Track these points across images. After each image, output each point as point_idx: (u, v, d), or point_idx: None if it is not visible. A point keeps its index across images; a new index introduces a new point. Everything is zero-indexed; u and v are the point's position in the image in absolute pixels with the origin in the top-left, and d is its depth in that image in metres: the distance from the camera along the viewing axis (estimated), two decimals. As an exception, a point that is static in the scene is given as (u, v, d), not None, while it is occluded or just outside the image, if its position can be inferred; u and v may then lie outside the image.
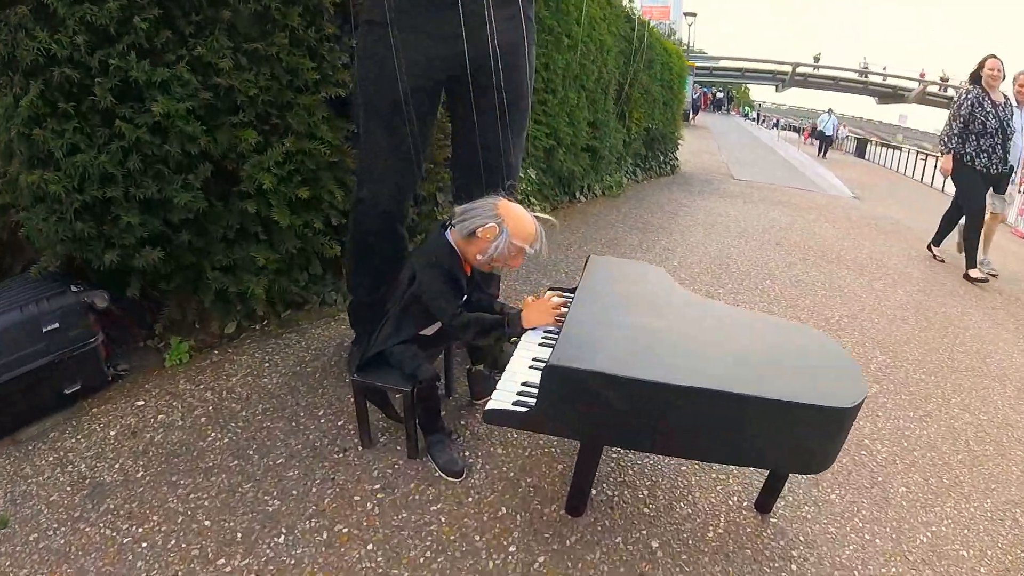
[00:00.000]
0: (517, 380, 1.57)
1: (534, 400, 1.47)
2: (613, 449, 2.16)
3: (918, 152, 19.21)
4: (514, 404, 1.50)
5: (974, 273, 5.10)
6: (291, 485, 1.94)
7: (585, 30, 5.12)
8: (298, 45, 2.58)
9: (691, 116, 24.49)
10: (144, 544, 1.72)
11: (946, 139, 5.10)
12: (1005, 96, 4.97)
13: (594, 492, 1.92)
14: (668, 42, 9.65)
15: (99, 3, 2.16)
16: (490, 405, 1.51)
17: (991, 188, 5.14)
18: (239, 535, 1.75)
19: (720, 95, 46.42)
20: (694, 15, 33.04)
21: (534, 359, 1.65)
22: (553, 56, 4.70)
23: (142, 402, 2.38)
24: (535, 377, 1.52)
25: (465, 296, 1.99)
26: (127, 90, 2.27)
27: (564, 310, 1.83)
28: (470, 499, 1.90)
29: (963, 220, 5.48)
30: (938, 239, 5.88)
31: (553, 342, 1.60)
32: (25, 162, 2.28)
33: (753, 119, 48.44)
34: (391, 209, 2.20)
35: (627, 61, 6.81)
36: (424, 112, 2.10)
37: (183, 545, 1.72)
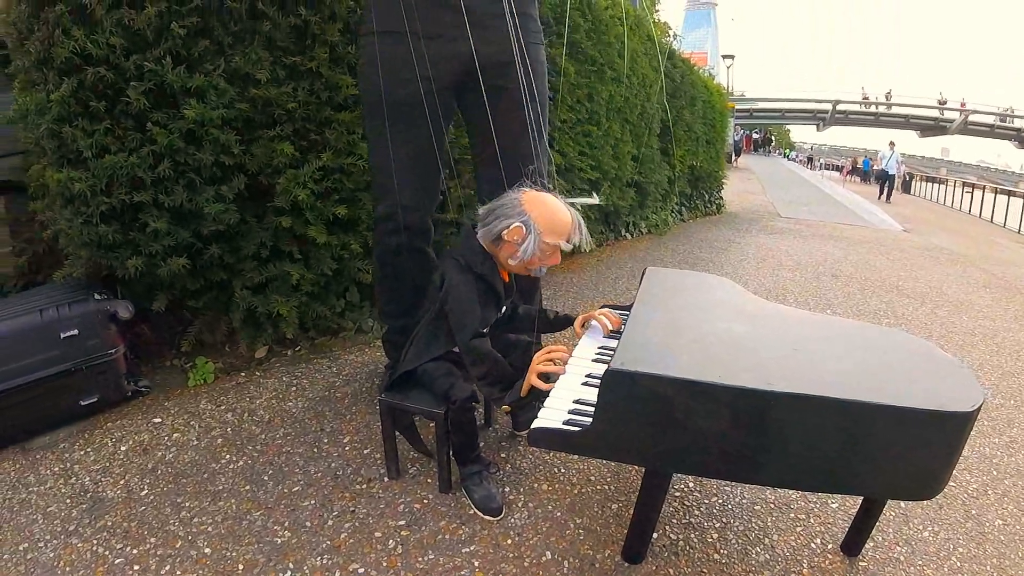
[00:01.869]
0: (568, 397, 1.36)
1: (589, 419, 1.26)
2: (675, 485, 1.93)
3: (963, 184, 18.88)
4: (565, 423, 1.28)
5: None
6: (305, 516, 1.75)
7: (628, 63, 5.04)
8: (338, 62, 2.54)
9: (734, 158, 24.20)
10: (136, 567, 1.57)
11: None
12: None
13: (655, 536, 1.67)
14: (710, 80, 9.60)
15: (137, 7, 2.14)
16: (536, 424, 1.29)
17: None
18: (240, 567, 1.56)
19: (756, 136, 46.24)
20: (732, 57, 33.11)
21: (588, 375, 1.44)
22: (596, 87, 4.61)
23: (159, 419, 2.27)
24: (590, 395, 1.31)
25: (504, 309, 1.80)
26: (162, 96, 2.23)
27: (548, 367, 1.52)
28: (509, 541, 1.67)
29: None
30: None
31: (610, 356, 1.37)
32: (54, 160, 2.23)
33: (795, 159, 47.86)
34: (412, 223, 2.04)
35: (670, 96, 6.72)
36: (434, 119, 1.96)
37: (177, 572, 1.55)
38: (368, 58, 1.96)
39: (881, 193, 17.98)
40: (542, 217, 1.62)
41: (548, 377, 1.52)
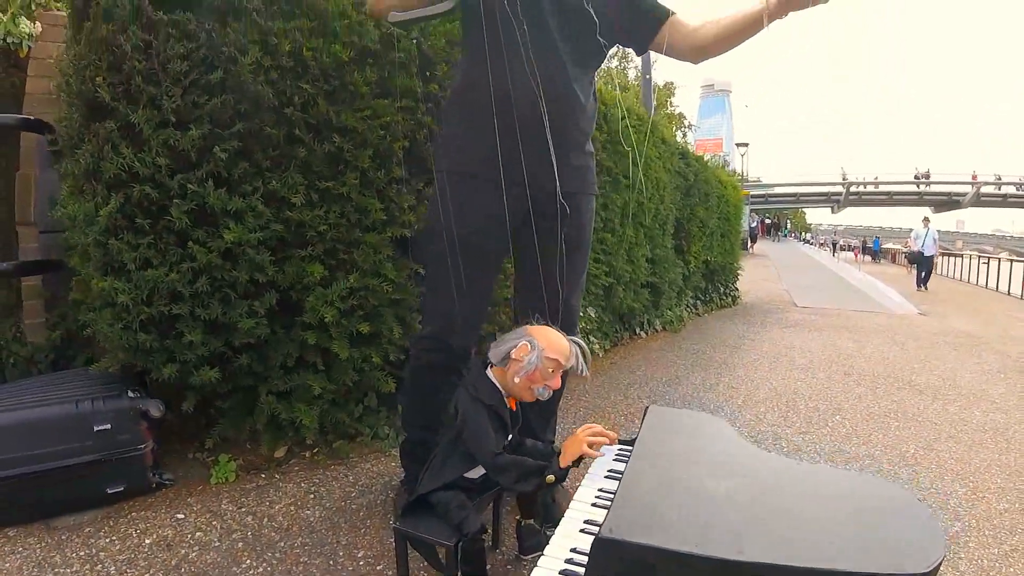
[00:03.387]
0: (566, 546, 1.45)
1: (582, 570, 1.34)
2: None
3: (979, 256, 19.00)
4: (561, 573, 1.37)
5: None
6: (322, 629, 1.81)
7: (641, 169, 5.27)
8: (368, 186, 2.70)
9: (750, 245, 24.50)
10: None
11: None
12: None
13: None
14: (723, 173, 9.89)
15: (183, 129, 2.32)
16: (535, 574, 1.39)
17: None
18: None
19: (768, 221, 46.93)
20: (746, 145, 34.12)
21: (586, 521, 1.53)
22: (611, 196, 4.85)
23: (182, 515, 2.37)
24: (585, 544, 1.40)
25: (511, 436, 1.92)
26: (202, 215, 2.39)
27: (596, 439, 1.77)
28: (513, 667, 1.72)
29: None
30: None
31: (608, 502, 1.47)
32: (99, 268, 2.39)
33: (811, 242, 48.16)
34: (454, 346, 2.18)
35: (684, 195, 6.96)
36: (491, 252, 2.17)
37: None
38: (439, 192, 2.12)
39: (919, 282, 15.54)
40: (544, 338, 1.83)
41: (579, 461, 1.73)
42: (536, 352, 1.78)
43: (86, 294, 2.61)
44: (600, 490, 1.67)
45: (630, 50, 2.42)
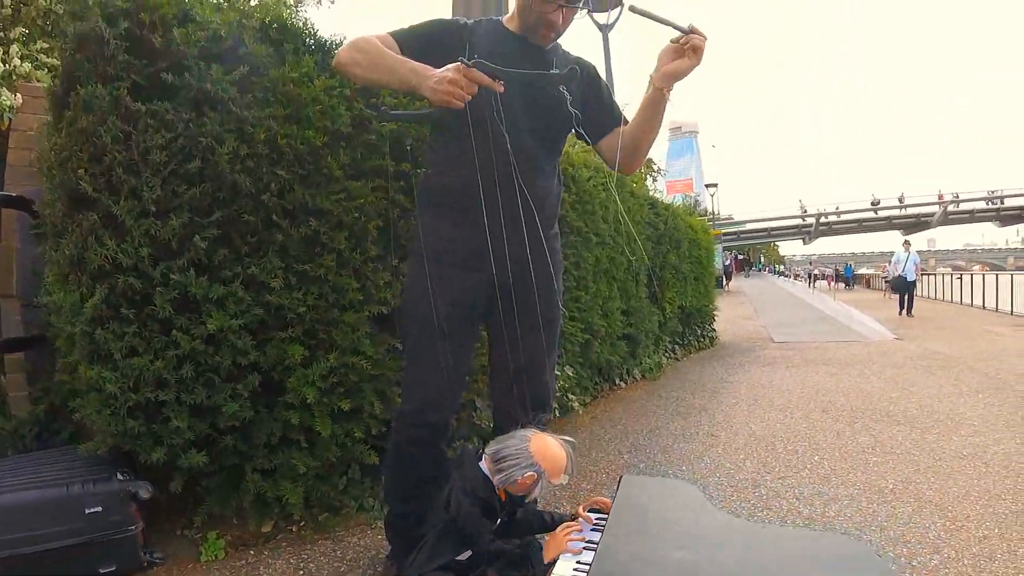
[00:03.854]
0: (544, 618, 1.53)
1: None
2: None
3: (952, 272, 19.61)
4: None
5: None
6: None
7: (612, 225, 5.43)
8: (344, 266, 2.78)
9: (725, 283, 24.87)
10: None
11: None
12: None
13: None
14: (694, 219, 10.11)
15: (163, 218, 2.38)
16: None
17: None
18: None
19: (741, 257, 48.00)
20: (715, 185, 35.04)
21: (564, 594, 1.62)
22: (583, 255, 4.97)
23: None
24: (563, 616, 1.48)
25: (499, 520, 2.01)
26: (185, 301, 2.44)
27: (576, 535, 1.90)
28: None
29: None
30: None
31: (584, 575, 1.56)
32: (85, 356, 2.42)
33: (785, 274, 49.24)
34: (435, 422, 2.25)
35: (655, 244, 7.12)
36: (467, 332, 2.26)
37: None
38: (417, 273, 2.21)
39: (901, 308, 15.37)
40: (548, 463, 1.92)
41: None
42: (542, 481, 1.90)
43: (72, 377, 2.63)
44: (578, 562, 1.76)
45: None
